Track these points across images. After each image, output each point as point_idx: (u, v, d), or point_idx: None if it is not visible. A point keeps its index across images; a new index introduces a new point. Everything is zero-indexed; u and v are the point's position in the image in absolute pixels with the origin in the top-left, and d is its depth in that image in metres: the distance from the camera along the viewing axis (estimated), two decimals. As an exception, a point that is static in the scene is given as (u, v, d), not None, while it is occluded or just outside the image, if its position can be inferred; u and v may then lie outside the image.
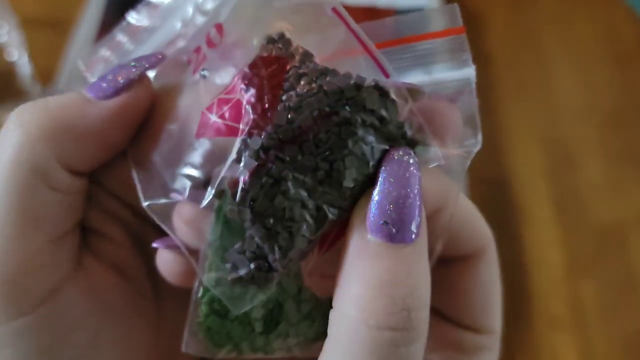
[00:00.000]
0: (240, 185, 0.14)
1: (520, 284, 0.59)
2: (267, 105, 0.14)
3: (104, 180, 0.16)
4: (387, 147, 0.14)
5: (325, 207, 0.14)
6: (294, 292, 0.16)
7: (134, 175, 0.15)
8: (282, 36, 0.15)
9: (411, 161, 0.14)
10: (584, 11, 0.79)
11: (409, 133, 0.15)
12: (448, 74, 0.16)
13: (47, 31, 0.68)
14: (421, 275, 0.14)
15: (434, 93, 0.16)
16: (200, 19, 0.16)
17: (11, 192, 0.14)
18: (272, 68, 0.14)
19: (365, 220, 0.14)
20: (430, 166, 0.15)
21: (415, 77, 0.16)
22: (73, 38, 0.65)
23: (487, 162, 0.66)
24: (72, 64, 0.64)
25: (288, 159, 0.14)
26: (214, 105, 0.15)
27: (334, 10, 0.15)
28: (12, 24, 0.61)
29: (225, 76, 0.15)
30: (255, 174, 0.14)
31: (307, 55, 0.15)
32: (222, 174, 0.14)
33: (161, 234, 0.16)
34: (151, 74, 0.16)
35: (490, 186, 0.64)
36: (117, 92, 0.15)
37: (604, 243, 0.62)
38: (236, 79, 0.15)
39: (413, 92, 0.15)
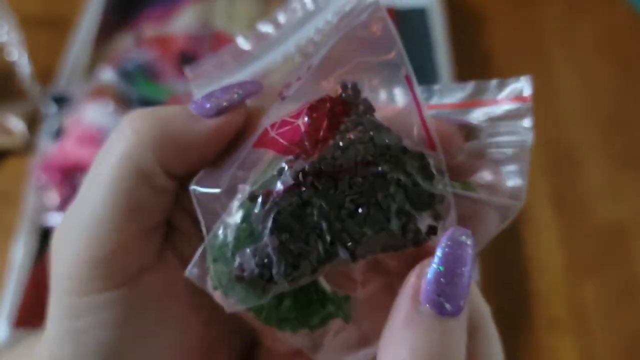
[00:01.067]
0: (273, 196, 0.15)
1: (521, 286, 0.59)
2: (320, 137, 0.16)
3: (186, 181, 0.18)
4: (410, 211, 0.15)
5: (338, 244, 0.15)
6: None
7: (202, 171, 0.18)
8: (355, 85, 0.16)
9: (469, 242, 0.15)
10: (586, 12, 0.79)
11: (437, 207, 0.16)
12: (506, 137, 0.17)
13: (47, 31, 0.68)
14: (462, 347, 0.15)
15: (483, 156, 0.17)
16: (298, 58, 0.18)
17: (117, 188, 0.16)
18: (337, 109, 0.16)
19: (417, 290, 0.15)
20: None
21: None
22: (73, 38, 0.65)
23: (488, 162, 0.66)
24: (72, 63, 0.64)
25: (321, 188, 0.15)
26: (276, 123, 0.16)
27: (406, 77, 0.16)
28: (12, 24, 0.61)
29: (297, 102, 0.17)
30: (288, 191, 0.15)
31: (369, 108, 0.16)
32: (261, 181, 0.16)
33: None
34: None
35: (491, 187, 0.64)
36: (218, 113, 0.17)
37: (605, 244, 0.62)
38: (304, 107, 0.16)
39: (471, 129, 0.17)
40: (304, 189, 0.15)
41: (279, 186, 0.15)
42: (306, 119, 0.16)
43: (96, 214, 0.16)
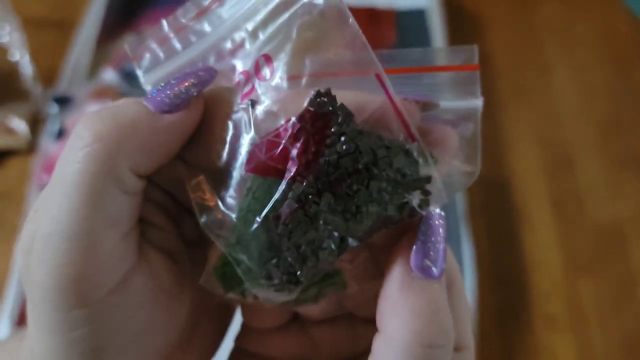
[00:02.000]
0: (282, 219, 0.17)
1: (520, 285, 0.59)
2: (310, 157, 0.17)
3: (152, 175, 0.18)
4: (404, 196, 0.17)
5: (348, 238, 0.17)
6: None
7: (190, 193, 0.18)
8: (328, 92, 0.17)
9: (442, 220, 0.18)
10: (583, 13, 0.80)
11: (426, 187, 0.18)
12: (457, 102, 0.19)
13: (49, 32, 0.69)
14: (447, 302, 0.17)
15: (434, 118, 0.18)
16: (249, 45, 0.18)
17: (91, 200, 0.16)
18: (318, 124, 0.17)
19: (407, 260, 0.17)
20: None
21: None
22: (75, 39, 0.66)
23: (487, 163, 0.66)
24: (74, 64, 0.64)
25: (322, 203, 0.17)
26: (263, 145, 0.17)
27: (377, 75, 0.17)
28: (14, 25, 0.61)
29: (270, 120, 0.17)
30: (294, 213, 0.17)
31: (348, 115, 0.17)
32: (268, 207, 0.17)
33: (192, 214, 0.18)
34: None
35: (490, 187, 0.64)
36: (178, 107, 0.17)
37: (602, 243, 0.62)
38: (284, 125, 0.17)
39: (428, 104, 0.18)
40: (307, 207, 0.17)
41: (286, 210, 0.17)
42: (292, 139, 0.17)
43: (74, 228, 0.16)
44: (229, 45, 0.19)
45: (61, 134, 0.59)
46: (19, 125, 0.61)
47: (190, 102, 0.17)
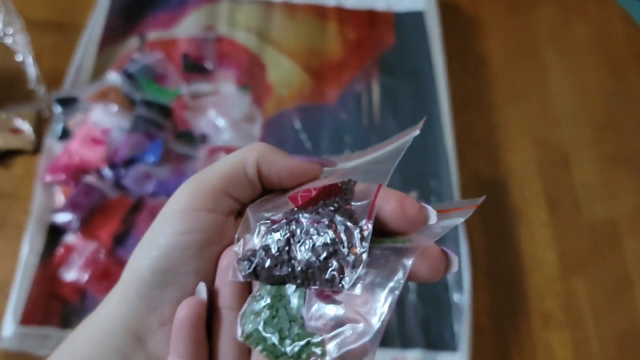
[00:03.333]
0: (274, 223, 0.24)
1: (516, 283, 0.60)
2: (313, 203, 0.24)
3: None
4: (339, 266, 0.22)
5: (290, 259, 0.23)
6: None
7: (265, 198, 0.27)
8: (350, 180, 0.25)
9: None
10: (579, 15, 0.80)
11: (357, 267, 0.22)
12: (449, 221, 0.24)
13: (53, 34, 0.69)
14: None
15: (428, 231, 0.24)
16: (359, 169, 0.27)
17: (230, 164, 0.26)
18: (332, 190, 0.24)
19: None
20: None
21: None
22: (79, 41, 0.67)
23: (483, 162, 0.67)
24: (78, 66, 0.65)
25: (293, 227, 0.23)
26: (306, 188, 0.25)
27: (379, 185, 0.24)
28: (18, 27, 0.62)
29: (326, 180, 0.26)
30: (279, 222, 0.24)
31: (350, 193, 0.24)
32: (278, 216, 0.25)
33: None
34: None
35: (486, 186, 0.65)
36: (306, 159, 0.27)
37: (597, 242, 0.63)
38: (323, 185, 0.25)
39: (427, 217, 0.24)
40: (286, 222, 0.24)
41: (278, 218, 0.24)
42: (315, 192, 0.25)
43: (217, 171, 0.26)
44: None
45: (65, 135, 0.59)
46: (24, 125, 0.61)
47: (309, 161, 0.27)
